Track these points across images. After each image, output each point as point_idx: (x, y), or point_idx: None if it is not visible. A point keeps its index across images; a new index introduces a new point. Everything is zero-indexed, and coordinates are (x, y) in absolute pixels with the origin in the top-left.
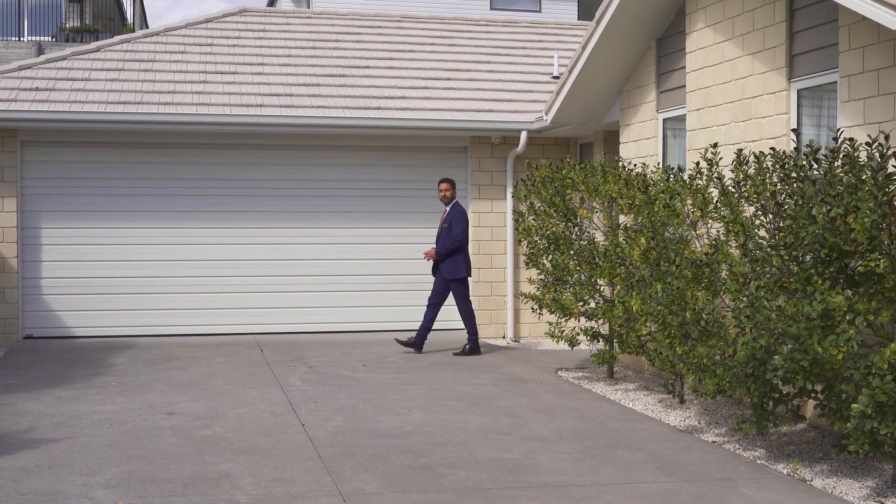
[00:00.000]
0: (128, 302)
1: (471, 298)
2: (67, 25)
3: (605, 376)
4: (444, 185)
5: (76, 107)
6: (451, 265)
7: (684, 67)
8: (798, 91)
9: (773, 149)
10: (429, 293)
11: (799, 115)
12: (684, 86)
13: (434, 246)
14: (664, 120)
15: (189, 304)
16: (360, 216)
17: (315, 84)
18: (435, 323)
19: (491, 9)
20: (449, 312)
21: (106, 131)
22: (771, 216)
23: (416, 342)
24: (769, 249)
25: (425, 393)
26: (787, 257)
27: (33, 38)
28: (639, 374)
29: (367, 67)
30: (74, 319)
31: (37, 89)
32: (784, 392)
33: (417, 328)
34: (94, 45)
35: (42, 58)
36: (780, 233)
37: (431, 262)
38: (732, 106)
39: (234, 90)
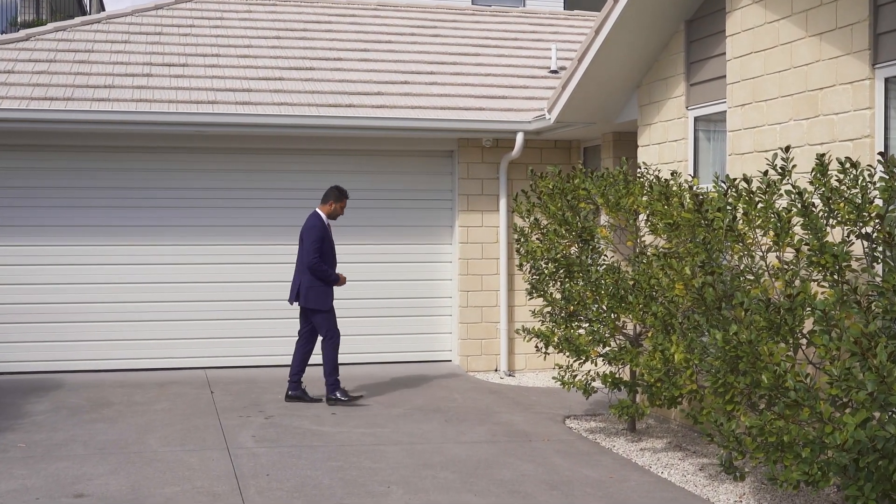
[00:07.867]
0: (57, 332)
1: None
2: (20, 20)
3: (626, 429)
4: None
5: None
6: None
7: (723, 54)
8: (886, 80)
9: (881, 154)
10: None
11: (887, 109)
12: (723, 76)
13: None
14: (696, 118)
15: (129, 334)
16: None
17: (278, 78)
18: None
19: (472, 3)
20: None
21: (28, 132)
22: (893, 249)
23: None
24: (892, 295)
25: (407, 457)
26: None
27: None
28: (663, 423)
29: (339, 60)
30: None
31: None
32: None
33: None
34: (23, 33)
35: None
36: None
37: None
38: (791, 100)
39: (182, 85)
